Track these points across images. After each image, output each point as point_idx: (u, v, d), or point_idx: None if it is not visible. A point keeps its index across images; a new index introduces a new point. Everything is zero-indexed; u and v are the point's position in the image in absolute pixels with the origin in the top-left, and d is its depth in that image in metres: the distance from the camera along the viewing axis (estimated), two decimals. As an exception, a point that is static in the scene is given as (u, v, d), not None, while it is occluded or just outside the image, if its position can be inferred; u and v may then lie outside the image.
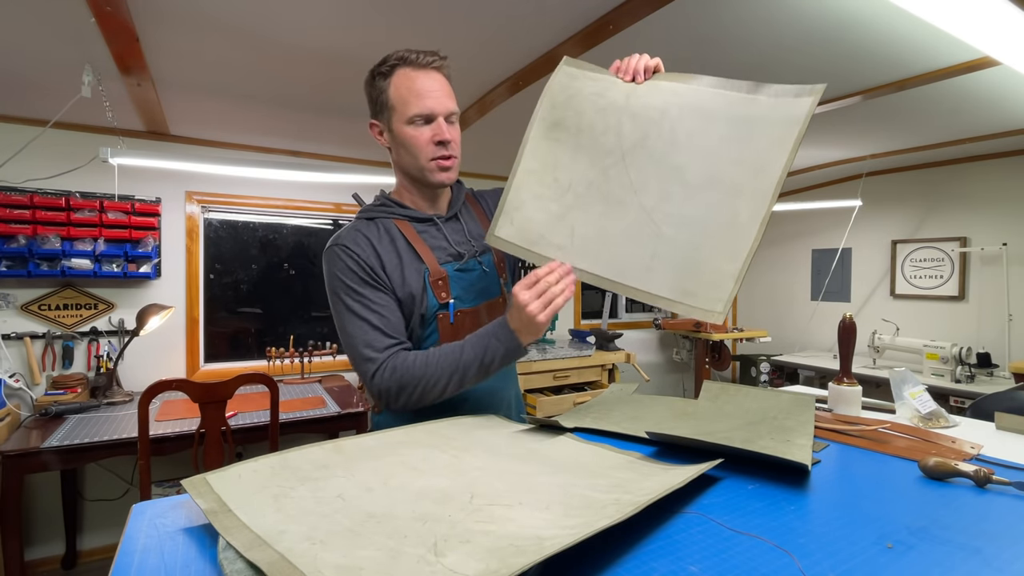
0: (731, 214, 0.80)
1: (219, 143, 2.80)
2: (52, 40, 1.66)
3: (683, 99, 0.87)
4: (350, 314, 0.94)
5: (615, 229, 0.88)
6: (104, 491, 2.54)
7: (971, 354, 2.98)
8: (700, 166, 0.83)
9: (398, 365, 0.90)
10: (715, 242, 0.81)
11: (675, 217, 0.84)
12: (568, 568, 0.50)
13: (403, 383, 0.90)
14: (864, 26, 1.63)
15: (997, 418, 1.05)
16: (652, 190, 0.86)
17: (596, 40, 1.68)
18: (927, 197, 3.62)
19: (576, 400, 3.16)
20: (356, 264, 0.95)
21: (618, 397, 1.17)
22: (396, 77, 0.97)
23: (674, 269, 0.84)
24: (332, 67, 1.89)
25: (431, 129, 0.96)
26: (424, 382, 0.89)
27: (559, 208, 0.92)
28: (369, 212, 1.05)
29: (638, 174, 0.87)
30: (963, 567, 0.51)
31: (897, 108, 2.38)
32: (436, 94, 0.96)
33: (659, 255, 0.85)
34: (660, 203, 0.85)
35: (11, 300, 2.38)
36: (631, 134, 0.88)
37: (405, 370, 0.90)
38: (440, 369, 0.89)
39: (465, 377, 0.90)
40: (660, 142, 0.86)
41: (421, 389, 0.90)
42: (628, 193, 0.88)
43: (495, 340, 0.89)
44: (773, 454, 0.74)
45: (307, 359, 2.93)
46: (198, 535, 0.58)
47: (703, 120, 0.84)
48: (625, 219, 0.88)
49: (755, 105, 0.81)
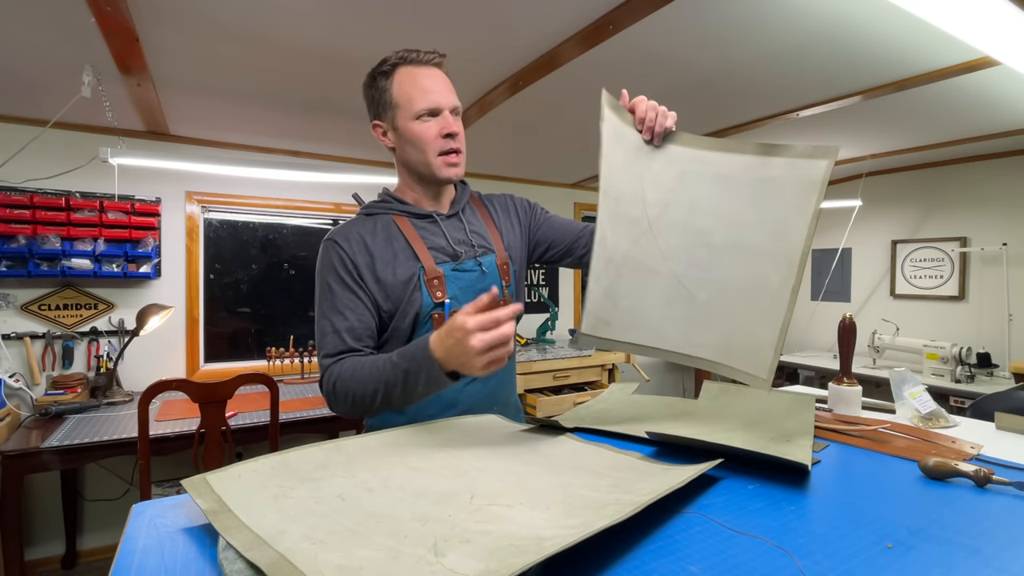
0: (761, 279, 0.81)
1: (219, 143, 2.80)
2: (52, 40, 1.66)
3: (699, 166, 0.87)
4: (321, 310, 0.97)
5: (652, 297, 0.90)
6: (104, 491, 2.54)
7: (971, 354, 2.98)
8: (723, 230, 0.85)
9: (341, 372, 0.90)
10: (749, 306, 0.82)
11: (707, 282, 0.85)
12: (568, 568, 0.50)
13: (337, 392, 0.90)
14: (864, 26, 1.63)
15: (997, 418, 1.05)
16: (681, 257, 0.87)
17: (596, 40, 1.68)
18: (927, 197, 3.62)
19: (576, 400, 3.16)
20: (340, 262, 0.97)
21: (618, 397, 1.17)
22: (398, 75, 0.98)
23: (714, 332, 0.85)
24: (332, 67, 1.89)
25: (438, 123, 0.97)
26: (354, 394, 0.88)
27: (607, 283, 0.94)
28: (369, 208, 1.05)
29: (665, 242, 0.88)
30: (963, 567, 0.51)
31: (897, 108, 2.38)
32: (440, 88, 0.97)
33: (694, 319, 0.86)
34: (689, 269, 0.86)
35: (11, 300, 2.38)
36: (655, 203, 0.90)
37: (341, 379, 0.90)
38: (366, 384, 0.87)
39: (390, 397, 0.86)
40: (681, 209, 0.87)
41: (351, 401, 0.89)
42: (659, 261, 0.89)
43: (415, 363, 0.82)
44: (773, 454, 0.74)
45: (307, 359, 2.93)
46: (198, 535, 0.58)
47: (721, 185, 0.85)
48: (659, 287, 0.89)
49: (770, 168, 0.82)
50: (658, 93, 2.22)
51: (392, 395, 0.86)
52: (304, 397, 2.56)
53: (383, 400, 0.87)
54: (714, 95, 2.26)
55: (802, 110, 2.38)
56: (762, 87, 2.16)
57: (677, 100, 2.33)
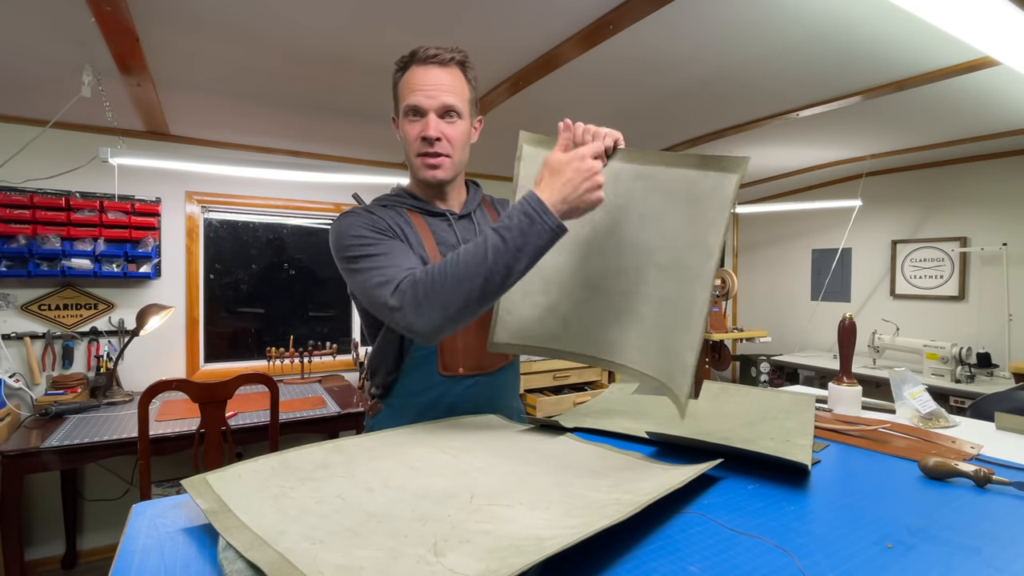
0: (691, 299, 0.76)
1: (219, 143, 2.80)
2: (52, 40, 1.66)
3: (646, 182, 0.82)
4: (363, 267, 0.86)
5: (602, 313, 0.88)
6: (104, 491, 2.54)
7: (971, 354, 2.98)
8: (667, 248, 0.80)
9: (418, 276, 0.78)
10: (680, 328, 0.77)
11: (652, 299, 0.82)
12: (568, 568, 0.50)
13: (425, 292, 0.76)
14: (864, 26, 1.63)
15: (997, 418, 1.05)
16: (630, 274, 0.84)
17: (596, 40, 1.68)
18: (927, 197, 3.62)
19: (576, 400, 3.16)
20: (371, 223, 0.92)
21: (618, 397, 1.17)
22: (407, 72, 0.98)
23: (655, 350, 0.82)
24: (332, 67, 1.89)
25: (420, 124, 0.96)
26: (448, 295, 0.74)
27: (547, 301, 0.93)
28: (384, 200, 1.04)
29: (615, 259, 0.86)
30: (963, 567, 0.51)
31: (897, 108, 2.38)
32: (429, 89, 0.94)
33: (643, 335, 0.83)
34: (638, 285, 0.83)
35: (11, 300, 2.38)
36: (602, 221, 0.87)
37: (425, 275, 0.77)
38: (465, 277, 0.74)
39: (491, 286, 0.74)
40: (630, 227, 0.84)
41: (446, 294, 0.74)
42: (607, 279, 0.87)
43: (535, 224, 0.74)
44: (773, 454, 0.74)
45: (307, 359, 2.93)
46: (198, 535, 0.58)
47: (667, 202, 0.80)
48: (609, 303, 0.87)
49: (704, 181, 0.75)
50: (658, 93, 2.24)
51: (495, 284, 0.74)
52: (304, 397, 2.56)
53: (480, 295, 0.74)
54: (714, 95, 2.26)
55: (802, 110, 2.38)
56: (762, 87, 2.16)
57: (677, 100, 2.33)
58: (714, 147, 2.99)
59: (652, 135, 2.88)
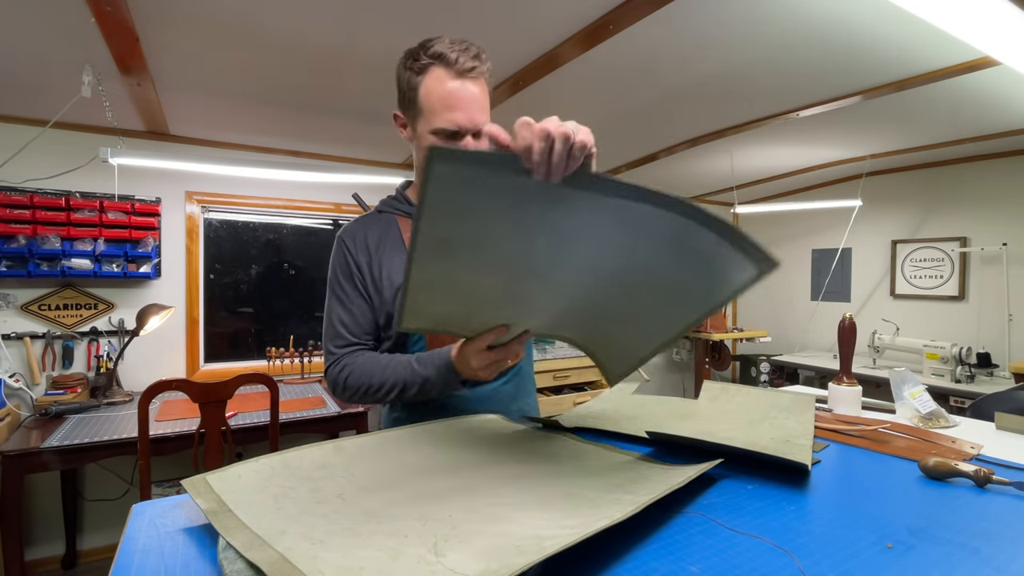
0: (666, 320, 0.73)
1: (219, 143, 2.80)
2: (52, 40, 1.66)
3: (614, 215, 0.62)
4: (329, 305, 1.03)
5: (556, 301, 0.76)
6: (104, 491, 2.54)
7: (971, 354, 2.98)
8: (650, 288, 0.70)
9: (354, 365, 0.97)
10: (647, 332, 0.76)
11: (629, 308, 0.75)
12: (568, 568, 0.50)
13: (348, 383, 0.97)
14: (864, 26, 1.63)
15: (997, 418, 1.05)
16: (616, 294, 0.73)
17: (596, 40, 1.68)
18: (927, 197, 3.62)
19: (576, 400, 3.16)
20: (344, 260, 1.01)
21: (618, 397, 1.17)
22: (430, 77, 0.88)
23: (611, 334, 0.79)
24: (332, 67, 1.89)
25: (453, 145, 0.87)
26: (367, 386, 0.96)
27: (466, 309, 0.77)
28: (382, 206, 1.09)
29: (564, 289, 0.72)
30: (963, 567, 0.51)
31: (897, 108, 2.38)
32: (468, 108, 0.87)
33: (593, 316, 0.76)
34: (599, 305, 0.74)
35: (11, 300, 2.38)
36: (548, 253, 0.66)
37: (354, 371, 0.97)
38: (383, 379, 0.95)
39: (404, 394, 0.94)
40: (590, 268, 0.68)
41: (361, 392, 0.97)
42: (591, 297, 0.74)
43: (435, 372, 0.91)
44: (773, 454, 0.74)
45: (307, 359, 2.93)
46: (198, 535, 0.58)
47: (654, 249, 0.65)
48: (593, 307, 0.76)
49: (703, 240, 0.63)
50: (658, 93, 2.24)
51: (406, 394, 0.94)
52: (304, 397, 2.56)
53: (396, 396, 0.95)
54: (714, 95, 2.26)
55: (802, 110, 2.38)
56: (762, 87, 2.16)
57: (677, 100, 2.33)
58: (714, 147, 2.99)
59: (652, 135, 2.88)
